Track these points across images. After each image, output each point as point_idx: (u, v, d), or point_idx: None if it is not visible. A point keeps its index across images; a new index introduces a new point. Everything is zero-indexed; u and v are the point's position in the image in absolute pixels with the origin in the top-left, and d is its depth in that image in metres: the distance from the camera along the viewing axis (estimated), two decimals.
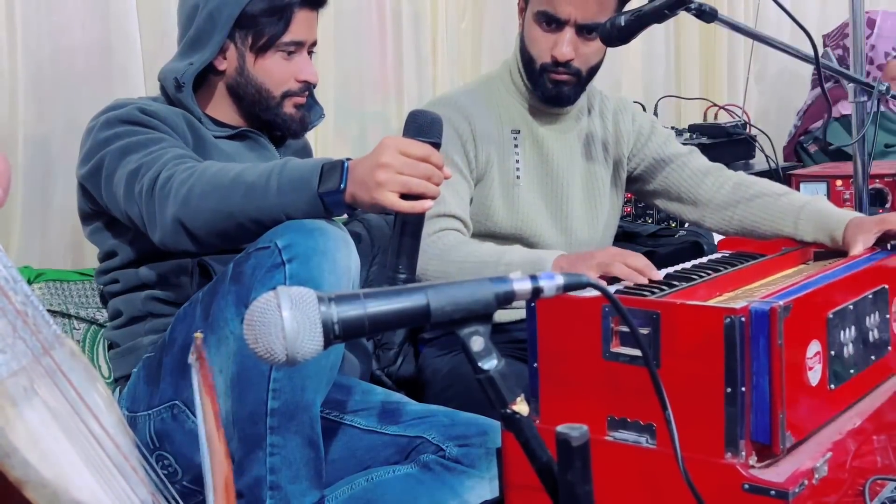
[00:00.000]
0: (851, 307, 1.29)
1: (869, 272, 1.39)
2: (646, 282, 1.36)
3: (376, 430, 1.56)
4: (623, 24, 1.60)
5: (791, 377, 1.13)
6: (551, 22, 1.70)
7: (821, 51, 1.66)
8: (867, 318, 1.34)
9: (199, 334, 0.71)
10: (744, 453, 1.11)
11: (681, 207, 1.89)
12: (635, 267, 1.38)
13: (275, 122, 1.61)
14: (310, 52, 1.62)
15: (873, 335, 1.36)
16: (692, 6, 1.55)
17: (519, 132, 1.81)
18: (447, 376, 1.78)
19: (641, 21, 1.60)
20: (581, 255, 1.53)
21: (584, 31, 1.70)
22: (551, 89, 1.75)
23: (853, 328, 1.29)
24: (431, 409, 1.58)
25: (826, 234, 1.63)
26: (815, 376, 1.19)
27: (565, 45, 1.70)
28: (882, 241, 1.55)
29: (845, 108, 3.00)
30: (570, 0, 1.67)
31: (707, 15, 1.56)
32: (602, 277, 1.40)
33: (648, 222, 2.62)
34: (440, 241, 1.65)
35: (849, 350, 1.28)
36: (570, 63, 1.72)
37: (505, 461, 1.30)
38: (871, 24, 2.99)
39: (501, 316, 1.76)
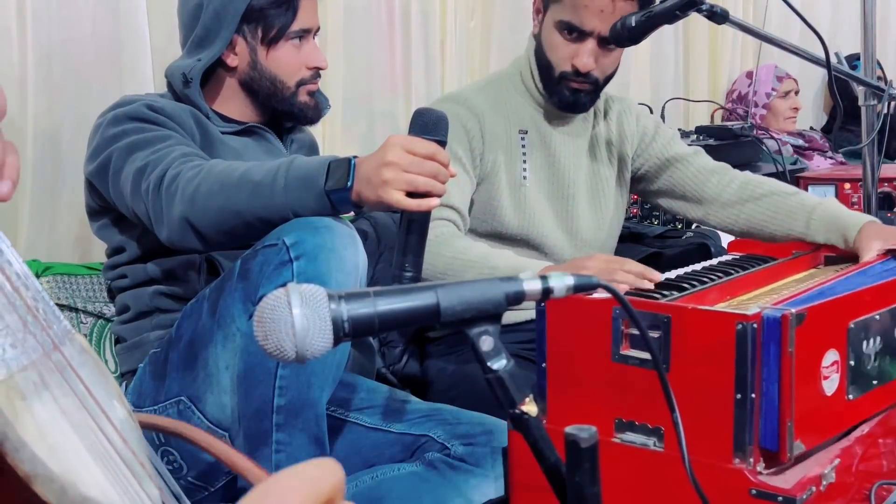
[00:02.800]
0: (877, 318, 1.26)
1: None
2: (649, 286, 1.35)
3: (381, 428, 1.55)
4: (634, 24, 1.60)
5: (804, 386, 1.12)
6: (573, 31, 1.69)
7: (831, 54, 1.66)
8: (894, 330, 1.32)
9: None
10: (752, 459, 1.10)
11: (685, 206, 1.88)
12: (634, 272, 1.38)
13: (291, 112, 1.61)
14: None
15: None
16: (703, 7, 1.54)
17: (526, 133, 1.81)
18: (453, 375, 1.78)
19: (652, 22, 1.59)
20: (569, 264, 1.52)
21: (605, 42, 1.69)
22: (569, 97, 1.75)
23: (878, 339, 1.27)
24: (437, 408, 1.58)
25: (839, 236, 1.61)
26: (830, 386, 1.18)
27: (587, 56, 1.69)
28: (891, 251, 1.54)
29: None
30: (596, 13, 1.66)
31: (718, 16, 1.56)
32: None
33: (654, 223, 2.61)
34: (432, 232, 1.64)
35: (871, 361, 1.26)
36: (589, 73, 1.72)
37: (511, 461, 1.30)
38: (750, 75, 3.53)
39: (509, 317, 1.76)
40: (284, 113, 1.62)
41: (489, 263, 1.57)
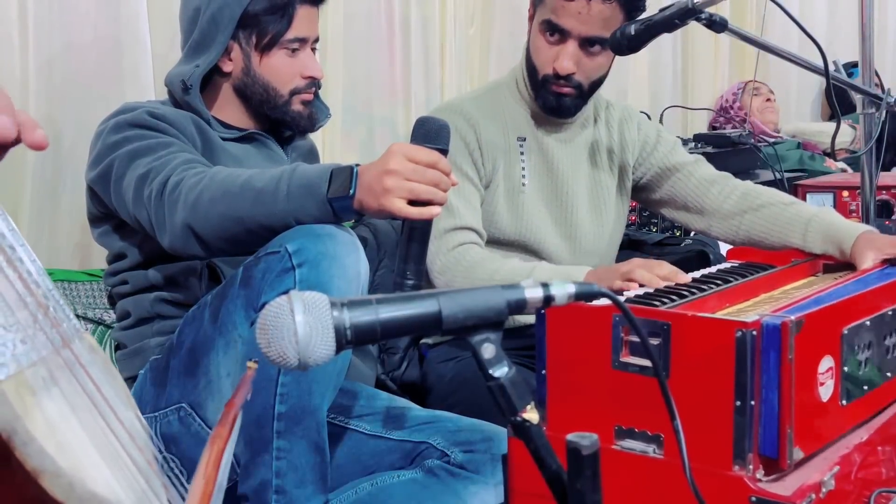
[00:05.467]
0: (868, 323, 1.27)
1: (888, 289, 1.37)
2: (686, 279, 1.38)
3: (381, 436, 1.55)
4: (633, 33, 1.60)
5: (801, 392, 1.12)
6: (554, 32, 1.70)
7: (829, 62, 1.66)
8: (884, 336, 1.32)
9: (252, 364, 0.70)
10: (751, 466, 1.11)
11: (687, 216, 1.89)
12: (661, 275, 1.40)
13: (283, 121, 1.61)
14: (312, 49, 1.62)
15: (891, 352, 1.34)
16: (703, 16, 1.55)
17: (524, 139, 1.82)
18: (452, 382, 1.78)
19: (651, 30, 1.60)
20: (610, 268, 1.54)
21: (587, 44, 1.70)
22: (552, 100, 1.76)
23: (869, 345, 1.28)
24: (436, 415, 1.58)
25: (835, 247, 1.62)
26: (826, 392, 1.19)
27: (566, 59, 1.70)
28: (889, 259, 1.54)
29: None
30: (573, 14, 1.67)
31: (717, 25, 1.57)
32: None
33: (653, 231, 2.61)
34: (463, 258, 1.65)
35: (863, 367, 1.27)
36: (571, 76, 1.72)
37: (511, 468, 1.30)
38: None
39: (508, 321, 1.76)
40: (277, 121, 1.62)
41: (533, 277, 1.58)
